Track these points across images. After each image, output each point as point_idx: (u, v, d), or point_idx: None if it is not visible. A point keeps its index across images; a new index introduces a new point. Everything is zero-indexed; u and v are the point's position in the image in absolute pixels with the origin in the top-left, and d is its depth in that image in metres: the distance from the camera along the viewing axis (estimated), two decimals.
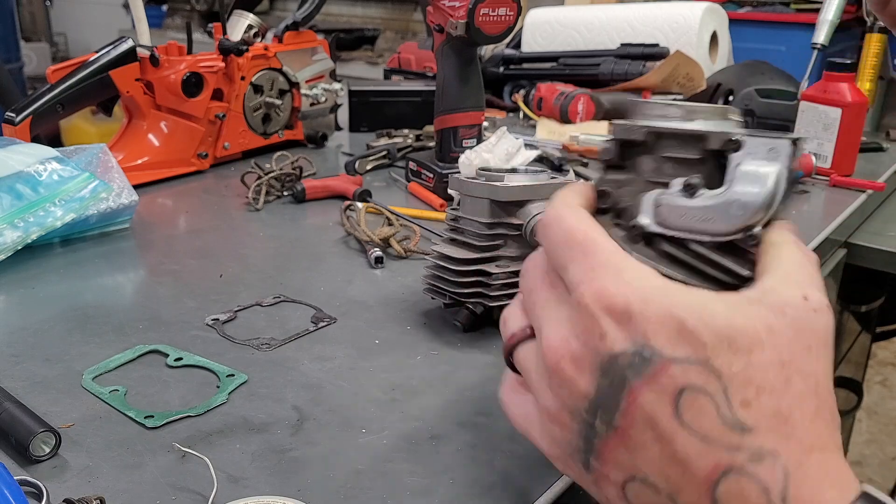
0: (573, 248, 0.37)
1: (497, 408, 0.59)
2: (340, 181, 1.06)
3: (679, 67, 1.43)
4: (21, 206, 0.82)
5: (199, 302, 0.75)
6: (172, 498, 0.48)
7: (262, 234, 0.96)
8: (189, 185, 1.14)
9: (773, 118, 1.36)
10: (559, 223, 0.38)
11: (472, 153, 0.97)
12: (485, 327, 0.70)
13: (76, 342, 0.67)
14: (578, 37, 1.65)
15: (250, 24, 1.19)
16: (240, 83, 1.19)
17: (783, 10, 2.11)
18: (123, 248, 0.90)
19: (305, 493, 0.49)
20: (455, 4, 0.94)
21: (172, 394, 0.60)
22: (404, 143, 1.26)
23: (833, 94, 1.17)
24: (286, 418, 0.57)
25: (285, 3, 4.17)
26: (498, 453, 0.53)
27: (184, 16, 4.30)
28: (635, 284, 0.34)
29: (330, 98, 1.33)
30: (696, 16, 1.53)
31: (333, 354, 0.66)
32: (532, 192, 0.68)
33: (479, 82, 1.02)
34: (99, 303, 0.75)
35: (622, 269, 0.35)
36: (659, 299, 0.34)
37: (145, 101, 1.12)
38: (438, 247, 0.70)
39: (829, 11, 1.27)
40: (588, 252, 0.36)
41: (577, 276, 0.36)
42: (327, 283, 0.80)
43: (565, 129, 1.37)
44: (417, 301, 0.75)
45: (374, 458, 0.52)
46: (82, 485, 0.49)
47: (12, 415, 0.52)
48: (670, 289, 0.35)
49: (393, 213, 0.93)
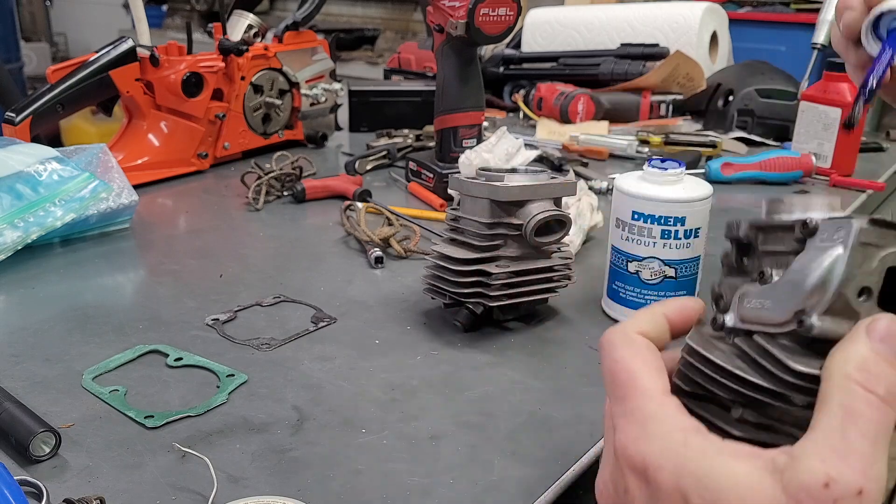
0: (615, 385, 0.37)
1: (497, 408, 0.59)
2: (340, 181, 1.06)
3: (679, 67, 1.44)
4: (21, 206, 0.82)
5: (199, 302, 0.75)
6: (172, 498, 0.48)
7: (262, 234, 0.96)
8: (189, 185, 1.14)
9: (773, 118, 1.36)
10: (610, 352, 0.38)
11: (472, 153, 0.97)
12: (485, 327, 0.70)
13: (76, 342, 0.67)
14: (578, 37, 1.65)
15: (250, 24, 1.19)
16: (240, 83, 1.19)
17: (783, 10, 2.11)
18: (123, 248, 0.90)
19: (305, 493, 0.49)
20: (455, 4, 0.94)
21: (172, 394, 0.60)
22: (404, 143, 1.26)
23: (833, 94, 1.17)
24: (286, 418, 0.57)
25: (285, 3, 4.17)
26: (498, 453, 0.53)
27: (184, 16, 4.30)
28: (656, 441, 0.34)
29: (330, 98, 1.33)
30: (696, 16, 1.53)
31: (333, 354, 0.66)
32: (532, 192, 0.68)
33: (479, 82, 1.02)
34: (99, 303, 0.75)
35: (649, 419, 0.35)
36: (672, 462, 0.33)
37: (145, 101, 1.12)
38: (438, 247, 0.70)
39: (829, 11, 1.27)
40: (626, 395, 0.36)
41: (615, 418, 0.37)
42: (327, 283, 0.80)
43: (565, 129, 1.37)
44: (417, 301, 0.75)
45: (374, 458, 0.52)
46: (82, 485, 0.49)
47: (12, 415, 0.52)
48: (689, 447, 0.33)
49: (393, 213, 0.93)
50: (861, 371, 0.32)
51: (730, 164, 1.15)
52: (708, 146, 1.24)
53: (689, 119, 1.47)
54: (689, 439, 0.33)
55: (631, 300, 0.70)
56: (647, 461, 0.34)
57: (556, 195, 0.70)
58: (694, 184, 0.68)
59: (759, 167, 1.15)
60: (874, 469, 0.30)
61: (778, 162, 1.15)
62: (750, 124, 1.38)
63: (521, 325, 0.72)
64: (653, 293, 0.69)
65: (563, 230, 0.70)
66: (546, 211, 0.67)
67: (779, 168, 1.15)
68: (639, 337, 0.39)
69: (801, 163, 1.15)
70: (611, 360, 0.38)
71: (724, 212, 1.03)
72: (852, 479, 0.30)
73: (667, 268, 0.68)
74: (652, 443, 0.34)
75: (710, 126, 1.42)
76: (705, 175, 1.15)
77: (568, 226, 0.70)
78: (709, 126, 1.43)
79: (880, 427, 0.31)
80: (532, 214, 0.67)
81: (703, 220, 0.68)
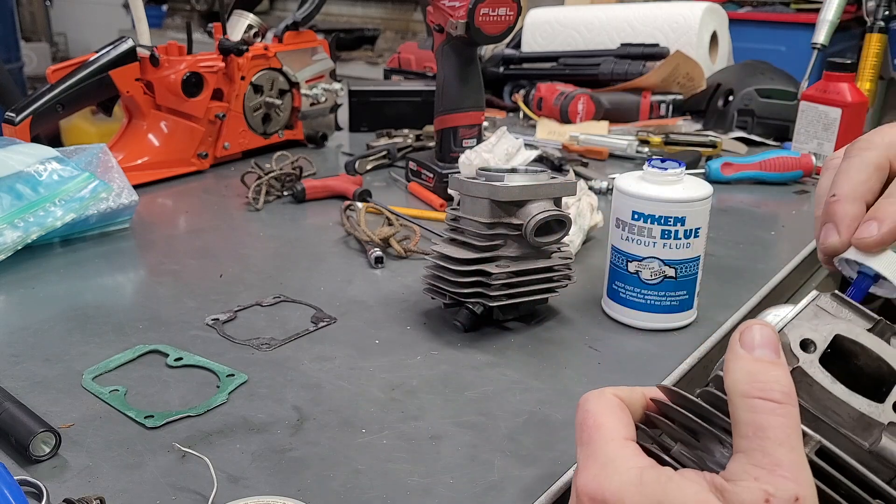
0: (582, 430, 0.41)
1: (497, 408, 0.59)
2: (340, 181, 1.06)
3: (679, 67, 1.44)
4: (21, 206, 0.82)
5: (199, 302, 0.75)
6: (172, 498, 0.48)
7: (262, 234, 0.96)
8: (189, 185, 1.14)
9: (773, 118, 1.36)
10: (583, 405, 0.42)
11: (472, 153, 0.97)
12: (485, 327, 0.70)
13: (76, 342, 0.67)
14: (578, 37, 1.65)
15: (250, 24, 1.19)
16: (240, 83, 1.19)
17: (783, 10, 2.11)
18: (123, 248, 0.90)
19: (305, 493, 0.49)
20: (455, 4, 0.94)
21: (172, 394, 0.60)
22: (404, 143, 1.26)
23: (833, 94, 1.17)
24: (286, 418, 0.57)
25: (285, 3, 4.16)
26: (498, 453, 0.53)
27: (184, 16, 4.30)
28: (615, 477, 0.37)
29: (330, 98, 1.33)
30: (696, 16, 1.53)
31: (333, 354, 0.66)
32: (532, 192, 0.68)
33: (479, 82, 1.02)
34: (99, 303, 0.75)
35: (609, 460, 0.38)
36: (630, 494, 0.36)
37: (145, 101, 1.12)
38: (438, 247, 0.70)
39: (829, 11, 1.27)
40: (590, 439, 0.40)
41: (579, 460, 0.40)
42: (327, 283, 0.80)
43: (565, 129, 1.37)
44: (417, 301, 0.75)
45: (374, 458, 0.53)
46: (82, 485, 0.49)
47: (12, 415, 0.52)
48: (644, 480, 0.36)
49: (393, 213, 0.93)
50: (752, 384, 0.36)
51: (730, 164, 1.15)
52: (708, 146, 1.24)
53: (689, 119, 1.47)
54: (644, 474, 0.37)
55: (631, 300, 0.70)
56: (606, 496, 0.37)
57: (556, 195, 0.70)
58: (694, 184, 0.68)
59: (759, 167, 1.15)
60: (802, 473, 0.34)
61: (778, 162, 1.15)
62: (750, 124, 1.38)
63: (521, 325, 0.72)
64: (653, 293, 0.69)
65: (563, 230, 0.70)
66: (546, 211, 0.67)
67: (779, 168, 1.15)
68: (612, 395, 0.42)
69: (801, 163, 1.15)
70: (582, 411, 0.42)
71: (723, 212, 1.03)
72: (787, 489, 0.33)
73: (667, 268, 0.68)
74: (611, 479, 0.37)
75: (710, 126, 1.42)
76: (705, 175, 1.15)
77: (568, 226, 0.70)
78: (709, 126, 1.43)
79: (790, 429, 0.35)
80: (532, 214, 0.67)
81: (703, 220, 0.68)
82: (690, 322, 0.72)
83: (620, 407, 0.42)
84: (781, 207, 1.08)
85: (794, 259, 0.88)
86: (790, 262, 0.88)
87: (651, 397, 0.44)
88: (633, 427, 0.41)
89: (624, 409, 0.42)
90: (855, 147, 0.48)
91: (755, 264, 0.88)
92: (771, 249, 0.94)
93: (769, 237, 0.97)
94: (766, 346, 0.37)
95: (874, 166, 0.47)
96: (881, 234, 0.45)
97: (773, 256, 0.91)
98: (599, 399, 0.42)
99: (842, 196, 0.47)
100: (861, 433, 0.38)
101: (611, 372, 0.64)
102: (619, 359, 0.67)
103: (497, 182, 0.67)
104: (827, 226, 0.48)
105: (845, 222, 0.47)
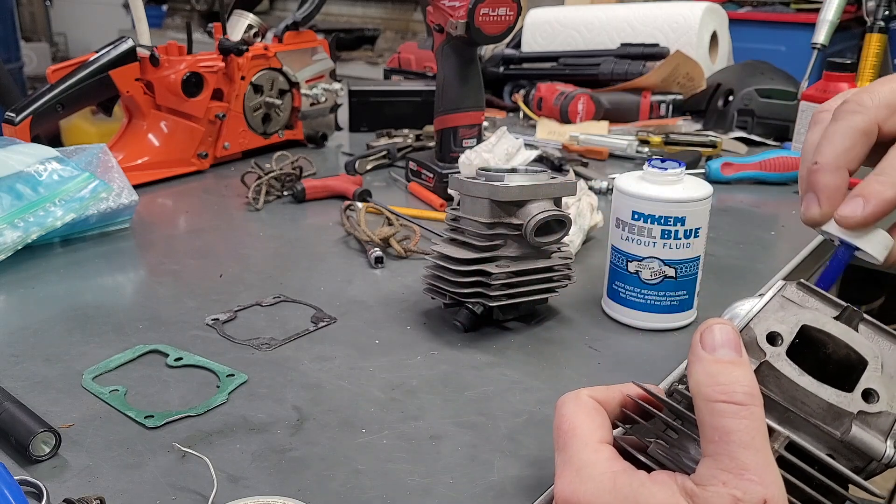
0: (558, 434, 0.42)
1: (497, 408, 0.59)
2: (340, 181, 1.06)
3: (679, 67, 1.44)
4: (21, 206, 0.82)
5: (199, 302, 0.75)
6: (172, 498, 0.48)
7: (262, 234, 0.96)
8: (189, 185, 1.14)
9: (773, 118, 1.36)
10: (559, 408, 0.43)
11: (472, 153, 0.97)
12: (485, 327, 0.70)
13: (76, 342, 0.67)
14: (578, 37, 1.65)
15: (250, 24, 1.19)
16: (240, 83, 1.19)
17: (783, 10, 2.11)
18: (123, 248, 0.90)
19: (305, 493, 0.49)
20: (455, 4, 0.94)
21: (172, 394, 0.60)
22: (404, 143, 1.26)
23: (833, 95, 1.17)
24: (286, 418, 0.57)
25: (285, 3, 4.16)
26: (498, 453, 0.53)
27: (184, 16, 4.30)
28: (590, 483, 0.38)
29: (330, 98, 1.33)
30: (696, 16, 1.53)
31: (333, 354, 0.66)
32: (532, 192, 0.68)
33: (479, 82, 1.02)
34: (99, 303, 0.75)
35: (584, 465, 0.39)
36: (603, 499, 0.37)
37: (145, 101, 1.12)
38: (438, 247, 0.70)
39: (829, 11, 1.27)
40: (566, 444, 0.41)
41: (556, 466, 0.41)
42: (327, 283, 0.80)
43: (565, 129, 1.37)
44: (417, 301, 0.75)
45: (374, 458, 0.53)
46: (82, 485, 0.49)
47: (12, 415, 0.52)
48: (617, 485, 0.37)
49: (393, 213, 0.93)
50: (714, 388, 0.36)
51: (730, 163, 1.15)
52: (708, 146, 1.24)
53: (689, 119, 1.47)
54: (617, 479, 0.38)
55: (631, 300, 0.70)
56: (581, 501, 0.38)
57: (556, 195, 0.70)
58: (694, 184, 0.68)
59: (758, 167, 1.15)
60: (770, 474, 0.34)
61: (778, 162, 1.15)
62: (750, 124, 1.38)
63: (521, 325, 0.72)
64: (653, 293, 0.69)
65: (563, 230, 0.70)
66: (546, 211, 0.67)
67: (779, 168, 1.15)
68: (587, 397, 0.43)
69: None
70: (558, 415, 0.42)
71: (724, 212, 1.03)
72: (755, 492, 0.34)
73: (667, 268, 0.68)
74: (586, 485, 0.38)
75: (710, 126, 1.42)
76: (705, 175, 1.15)
77: (568, 226, 0.70)
78: (709, 126, 1.43)
79: (755, 430, 0.35)
80: (532, 214, 0.67)
81: (703, 220, 0.68)
82: (690, 322, 0.72)
83: (596, 409, 0.42)
84: (781, 207, 1.08)
85: (795, 259, 0.88)
86: (790, 262, 0.88)
87: (627, 394, 0.44)
88: (608, 429, 0.42)
89: (599, 411, 0.42)
90: (843, 109, 0.47)
91: (755, 264, 0.88)
92: (771, 249, 0.94)
93: (769, 237, 0.97)
94: (726, 346, 0.37)
95: (860, 132, 0.46)
96: (864, 214, 0.44)
97: (773, 256, 0.91)
98: (575, 402, 0.43)
99: (823, 164, 0.46)
100: (832, 423, 0.38)
101: (611, 372, 0.64)
102: (619, 359, 0.67)
103: (497, 182, 0.67)
104: (808, 196, 0.47)
105: (826, 193, 0.46)
